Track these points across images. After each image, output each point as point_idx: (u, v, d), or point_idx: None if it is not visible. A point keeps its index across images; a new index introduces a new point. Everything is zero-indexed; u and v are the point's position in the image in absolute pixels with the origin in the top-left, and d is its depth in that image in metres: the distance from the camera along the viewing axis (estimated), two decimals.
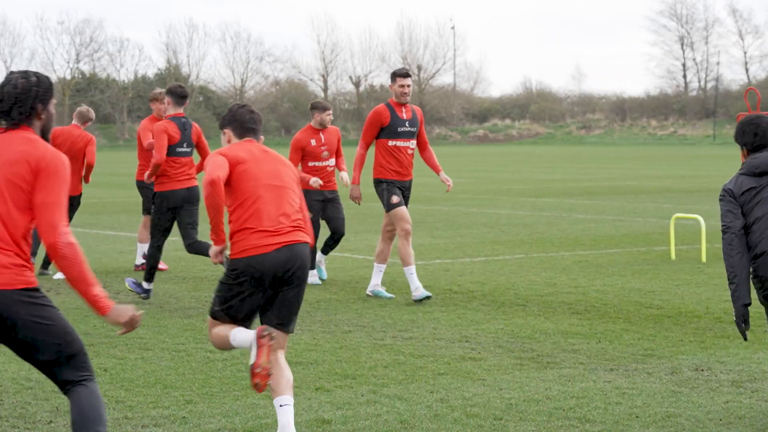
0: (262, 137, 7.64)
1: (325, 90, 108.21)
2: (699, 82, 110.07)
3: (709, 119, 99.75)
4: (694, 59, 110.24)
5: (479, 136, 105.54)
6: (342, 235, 14.98)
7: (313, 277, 14.49)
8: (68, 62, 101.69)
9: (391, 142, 13.23)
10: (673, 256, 17.04)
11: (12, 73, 6.04)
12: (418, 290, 12.89)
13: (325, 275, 14.95)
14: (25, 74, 6.06)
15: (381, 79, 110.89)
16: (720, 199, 7.91)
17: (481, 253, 17.93)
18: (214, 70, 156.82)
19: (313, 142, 14.54)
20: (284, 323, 7.32)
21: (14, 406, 8.18)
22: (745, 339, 7.87)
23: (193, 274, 15.61)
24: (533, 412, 7.93)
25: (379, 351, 10.12)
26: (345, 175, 14.74)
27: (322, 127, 14.63)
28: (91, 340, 10.64)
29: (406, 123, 13.26)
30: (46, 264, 15.87)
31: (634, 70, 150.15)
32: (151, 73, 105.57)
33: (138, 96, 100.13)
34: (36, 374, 9.15)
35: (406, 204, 13.38)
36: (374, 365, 9.51)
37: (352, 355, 9.93)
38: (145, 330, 11.19)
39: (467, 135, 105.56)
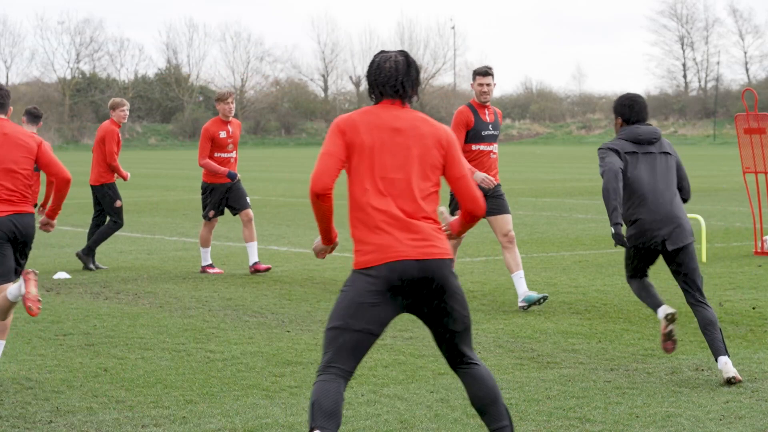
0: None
1: (326, 90, 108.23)
2: (699, 82, 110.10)
3: (710, 119, 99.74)
4: (694, 59, 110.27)
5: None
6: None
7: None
8: (68, 62, 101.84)
9: (474, 146, 12.57)
10: None
11: None
12: (525, 294, 12.38)
13: None
14: None
15: None
16: (601, 156, 9.06)
17: (482, 253, 17.93)
18: (214, 70, 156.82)
19: None
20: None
21: (14, 405, 8.18)
22: (624, 245, 8.97)
23: (193, 274, 15.61)
24: (533, 411, 7.93)
25: (379, 351, 10.11)
26: None
27: None
28: (91, 340, 10.64)
29: (490, 126, 12.67)
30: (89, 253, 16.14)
31: (634, 69, 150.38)
32: (151, 73, 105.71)
33: (138, 96, 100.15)
34: (36, 374, 9.16)
35: (497, 208, 12.61)
36: (374, 365, 9.51)
37: None
38: (145, 330, 11.19)
39: None
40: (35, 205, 14.90)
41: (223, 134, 15.76)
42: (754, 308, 12.32)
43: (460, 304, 6.01)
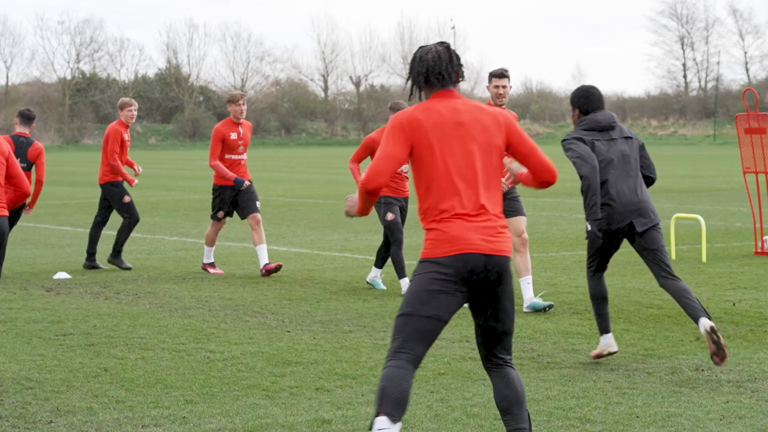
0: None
1: (326, 90, 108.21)
2: (699, 82, 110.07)
3: (710, 119, 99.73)
4: (694, 59, 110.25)
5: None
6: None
7: None
8: (68, 62, 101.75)
9: None
10: (673, 255, 17.04)
11: None
12: (530, 300, 12.31)
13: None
14: None
15: (381, 79, 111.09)
16: (569, 146, 9.47)
17: None
18: (214, 70, 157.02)
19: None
20: None
21: (14, 405, 8.18)
22: (600, 240, 9.32)
23: (194, 274, 15.61)
24: (533, 411, 7.92)
25: (379, 351, 10.11)
26: None
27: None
28: (91, 340, 10.64)
29: None
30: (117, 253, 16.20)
31: (634, 70, 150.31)
32: (151, 73, 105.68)
33: (138, 96, 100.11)
34: (36, 374, 9.16)
35: (513, 210, 12.50)
36: (375, 365, 9.51)
37: (352, 355, 9.93)
38: (145, 330, 11.19)
39: None
40: (24, 205, 15.06)
41: (233, 136, 15.62)
42: (754, 309, 12.32)
43: (511, 305, 6.21)
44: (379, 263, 14.24)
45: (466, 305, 6.35)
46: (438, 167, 6.08)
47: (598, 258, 9.59)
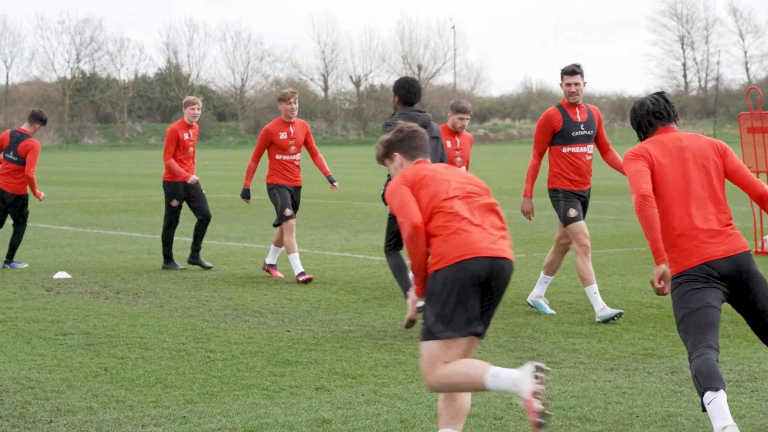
0: None
1: (326, 90, 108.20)
2: (699, 81, 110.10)
3: (710, 119, 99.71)
4: (694, 59, 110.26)
5: (479, 136, 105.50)
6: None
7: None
8: (68, 62, 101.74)
9: (565, 149, 11.98)
10: None
11: None
12: (605, 310, 11.59)
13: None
14: None
15: (381, 78, 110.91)
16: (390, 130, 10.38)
17: None
18: (214, 70, 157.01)
19: (448, 144, 13.58)
20: None
21: (14, 405, 8.18)
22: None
23: (193, 274, 15.61)
24: None
25: (379, 350, 10.11)
26: None
27: (455, 130, 13.77)
28: (91, 340, 10.64)
29: (581, 126, 12.00)
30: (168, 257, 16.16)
31: (634, 69, 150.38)
32: (151, 72, 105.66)
33: (138, 96, 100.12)
34: (36, 374, 9.16)
35: (585, 214, 12.22)
36: (375, 365, 9.51)
37: (352, 355, 9.92)
38: (145, 330, 11.19)
39: None
40: (23, 202, 16.10)
41: (283, 135, 15.00)
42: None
43: (765, 288, 7.11)
44: None
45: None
46: (669, 189, 7.19)
47: (395, 235, 11.57)
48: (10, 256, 16.30)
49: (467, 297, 6.40)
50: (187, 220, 18.44)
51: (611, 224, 22.61)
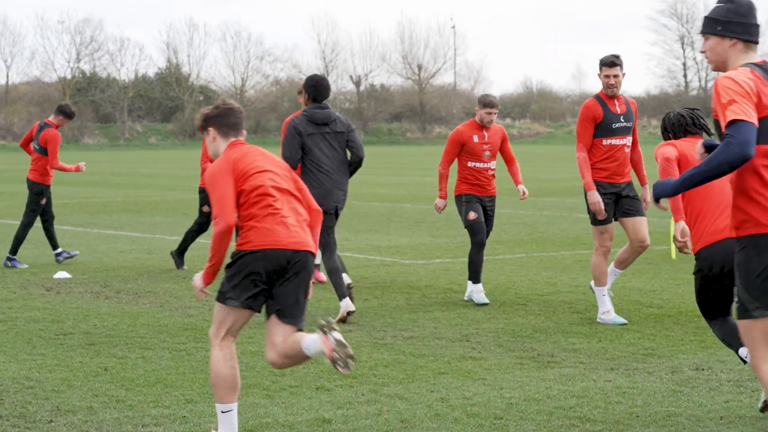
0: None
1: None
2: (699, 81, 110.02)
3: (710, 118, 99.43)
4: (694, 58, 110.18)
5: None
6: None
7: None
8: (69, 61, 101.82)
9: (605, 141, 11.66)
10: (673, 255, 17.03)
11: None
12: (609, 314, 11.49)
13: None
14: None
15: (381, 78, 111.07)
16: (288, 135, 11.92)
17: None
18: (214, 70, 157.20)
19: (475, 138, 13.12)
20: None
21: (15, 405, 8.18)
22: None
23: (194, 273, 15.59)
24: (534, 411, 7.93)
25: (379, 350, 10.11)
26: (521, 188, 13.34)
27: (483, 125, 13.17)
28: (92, 339, 10.64)
29: (621, 117, 11.71)
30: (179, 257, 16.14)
31: (634, 69, 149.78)
32: (151, 72, 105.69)
33: (138, 95, 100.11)
34: (36, 373, 9.16)
35: (634, 209, 11.82)
36: (375, 364, 9.51)
37: None
38: (145, 329, 11.19)
39: None
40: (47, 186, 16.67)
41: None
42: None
43: None
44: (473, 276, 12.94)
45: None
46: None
47: None
48: (14, 251, 16.33)
49: (257, 279, 7.01)
50: (187, 219, 18.37)
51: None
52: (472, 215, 12.91)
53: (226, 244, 7.04)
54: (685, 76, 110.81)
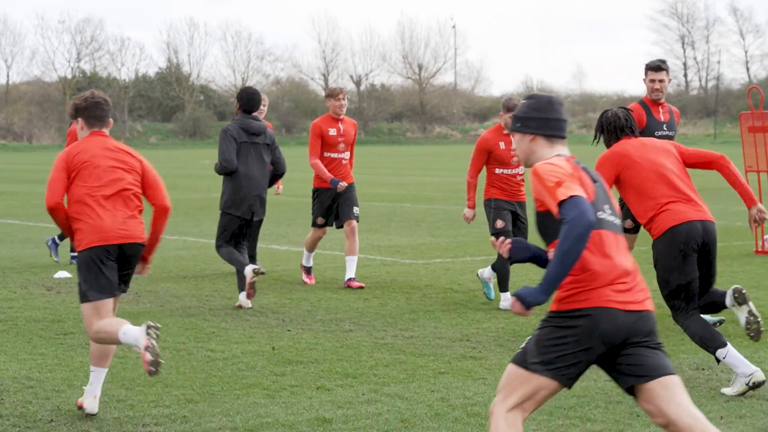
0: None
1: (326, 89, 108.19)
2: (700, 81, 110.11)
3: (710, 118, 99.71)
4: (695, 58, 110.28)
5: (480, 135, 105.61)
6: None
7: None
8: (69, 61, 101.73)
9: None
10: None
11: None
12: None
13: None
14: None
15: (381, 78, 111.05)
16: (225, 139, 12.69)
17: (483, 252, 17.92)
18: (214, 69, 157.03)
19: (502, 145, 13.07)
20: None
21: (15, 405, 8.18)
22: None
23: (194, 273, 15.60)
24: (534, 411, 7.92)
25: (380, 350, 10.12)
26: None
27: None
28: None
29: (664, 126, 11.51)
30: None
31: (635, 69, 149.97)
32: (152, 72, 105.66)
33: (139, 95, 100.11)
34: (37, 373, 9.16)
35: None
36: (375, 364, 9.51)
37: (353, 354, 9.93)
38: None
39: (468, 134, 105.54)
40: None
41: (332, 132, 14.48)
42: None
43: None
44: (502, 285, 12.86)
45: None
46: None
47: (229, 232, 12.95)
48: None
49: (105, 269, 7.96)
50: (187, 219, 18.31)
51: None
52: (499, 223, 12.78)
53: (57, 222, 8.00)
54: (685, 75, 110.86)
